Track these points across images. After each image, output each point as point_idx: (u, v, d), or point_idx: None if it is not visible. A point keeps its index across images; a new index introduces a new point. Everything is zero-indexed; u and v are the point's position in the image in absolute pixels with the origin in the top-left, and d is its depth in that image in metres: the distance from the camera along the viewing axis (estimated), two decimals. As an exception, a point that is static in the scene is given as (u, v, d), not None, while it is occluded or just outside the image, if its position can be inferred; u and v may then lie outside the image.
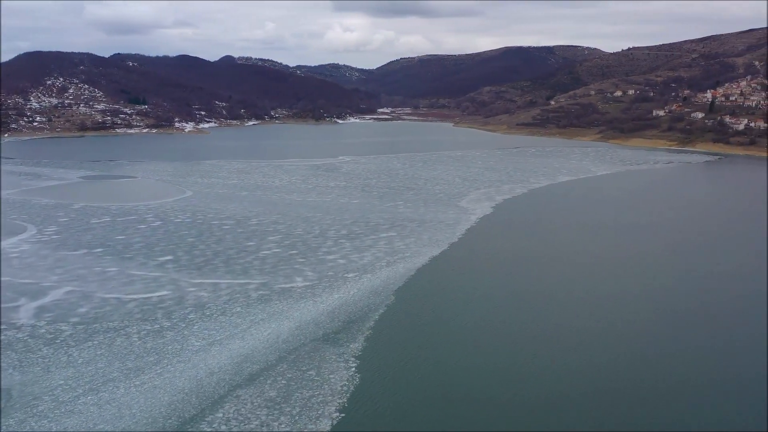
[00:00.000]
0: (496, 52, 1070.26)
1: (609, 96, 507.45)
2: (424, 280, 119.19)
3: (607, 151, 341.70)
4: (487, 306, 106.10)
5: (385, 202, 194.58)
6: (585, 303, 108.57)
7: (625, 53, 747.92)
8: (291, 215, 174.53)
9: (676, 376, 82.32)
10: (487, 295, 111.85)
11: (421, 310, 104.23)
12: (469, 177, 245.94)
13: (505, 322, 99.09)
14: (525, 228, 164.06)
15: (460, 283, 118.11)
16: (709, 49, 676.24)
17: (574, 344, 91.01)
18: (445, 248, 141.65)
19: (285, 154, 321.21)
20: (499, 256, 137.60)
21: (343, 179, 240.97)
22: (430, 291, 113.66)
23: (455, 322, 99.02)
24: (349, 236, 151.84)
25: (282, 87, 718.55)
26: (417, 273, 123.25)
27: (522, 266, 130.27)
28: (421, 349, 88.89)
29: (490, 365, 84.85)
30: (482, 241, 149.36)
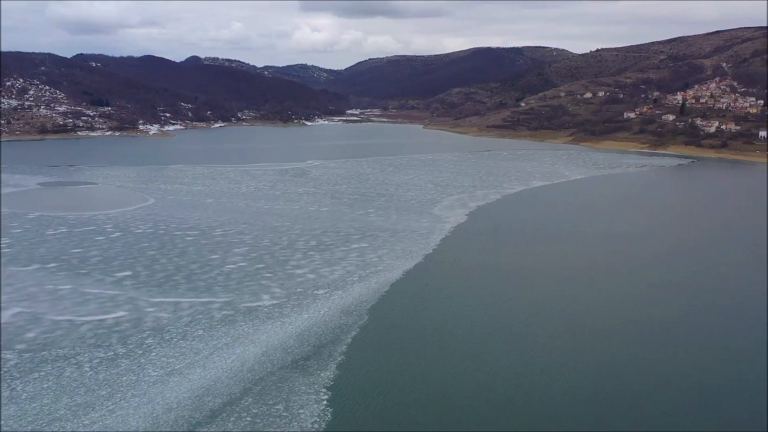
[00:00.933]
0: (465, 52, 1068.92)
1: (579, 98, 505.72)
2: (398, 298, 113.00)
3: (579, 154, 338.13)
4: (466, 326, 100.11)
5: (355, 210, 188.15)
6: (565, 315, 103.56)
7: (594, 54, 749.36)
8: (258, 224, 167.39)
9: (669, 379, 78.11)
10: (466, 313, 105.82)
11: (396, 331, 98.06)
12: (441, 182, 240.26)
13: (486, 344, 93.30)
14: (501, 237, 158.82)
15: (436, 301, 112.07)
16: (677, 51, 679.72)
17: (559, 360, 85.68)
18: (420, 261, 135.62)
19: (252, 157, 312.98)
20: (475, 268, 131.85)
21: (312, 185, 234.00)
22: (405, 310, 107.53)
23: (433, 344, 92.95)
24: (318, 247, 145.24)
25: (249, 88, 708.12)
26: (391, 289, 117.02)
27: (499, 280, 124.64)
28: (397, 377, 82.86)
29: (473, 392, 79.01)
30: (457, 252, 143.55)
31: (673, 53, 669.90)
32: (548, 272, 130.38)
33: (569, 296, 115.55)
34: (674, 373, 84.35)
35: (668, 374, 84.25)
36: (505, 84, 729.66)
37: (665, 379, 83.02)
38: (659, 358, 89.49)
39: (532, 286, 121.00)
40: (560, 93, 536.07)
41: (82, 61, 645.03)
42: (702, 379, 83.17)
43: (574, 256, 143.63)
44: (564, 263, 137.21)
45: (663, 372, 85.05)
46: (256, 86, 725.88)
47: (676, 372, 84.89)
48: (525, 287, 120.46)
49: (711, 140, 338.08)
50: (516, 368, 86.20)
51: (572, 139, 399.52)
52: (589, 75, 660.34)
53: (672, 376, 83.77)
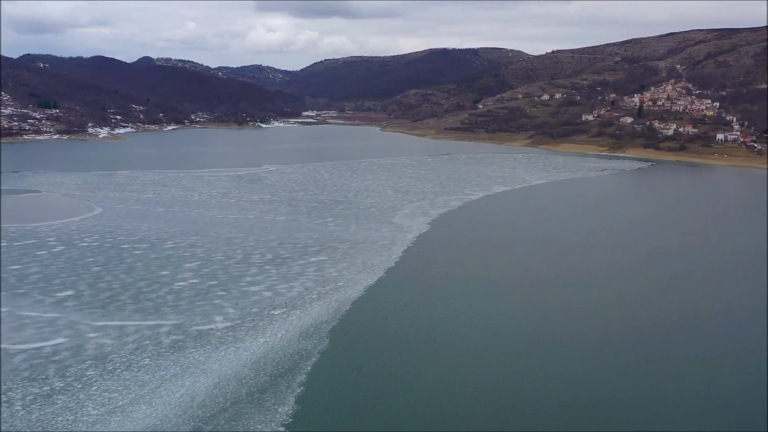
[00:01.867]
0: (421, 53, 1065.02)
1: (536, 99, 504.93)
2: (360, 317, 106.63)
3: (538, 158, 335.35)
4: (432, 348, 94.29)
5: (313, 219, 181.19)
6: (535, 326, 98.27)
7: (550, 56, 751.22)
8: (211, 236, 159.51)
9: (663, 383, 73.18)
10: (431, 334, 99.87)
11: (358, 357, 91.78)
12: (401, 188, 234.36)
13: (456, 368, 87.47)
14: (465, 248, 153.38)
15: (400, 319, 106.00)
16: (631, 53, 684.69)
17: (535, 374, 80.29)
18: (382, 275, 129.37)
19: (205, 162, 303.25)
20: (440, 282, 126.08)
21: (268, 192, 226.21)
22: (367, 331, 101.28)
23: (398, 372, 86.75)
24: (275, 261, 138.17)
25: (203, 89, 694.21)
26: (352, 308, 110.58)
27: (465, 293, 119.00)
28: (360, 410, 76.60)
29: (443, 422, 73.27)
30: (421, 265, 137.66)
31: (628, 55, 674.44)
32: (514, 283, 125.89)
33: (538, 307, 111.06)
34: (653, 381, 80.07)
35: (646, 382, 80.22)
36: (461, 85, 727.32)
37: (647, 388, 78.57)
38: (636, 366, 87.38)
39: (498, 299, 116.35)
40: (517, 95, 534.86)
41: (29, 62, 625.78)
42: (693, 385, 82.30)
43: (541, 265, 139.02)
44: (531, 273, 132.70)
45: (640, 381, 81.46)
46: (210, 87, 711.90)
47: (655, 380, 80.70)
48: (491, 300, 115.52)
49: (669, 143, 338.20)
50: (490, 389, 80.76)
51: (531, 142, 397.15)
52: (546, 76, 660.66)
53: (651, 383, 79.53)
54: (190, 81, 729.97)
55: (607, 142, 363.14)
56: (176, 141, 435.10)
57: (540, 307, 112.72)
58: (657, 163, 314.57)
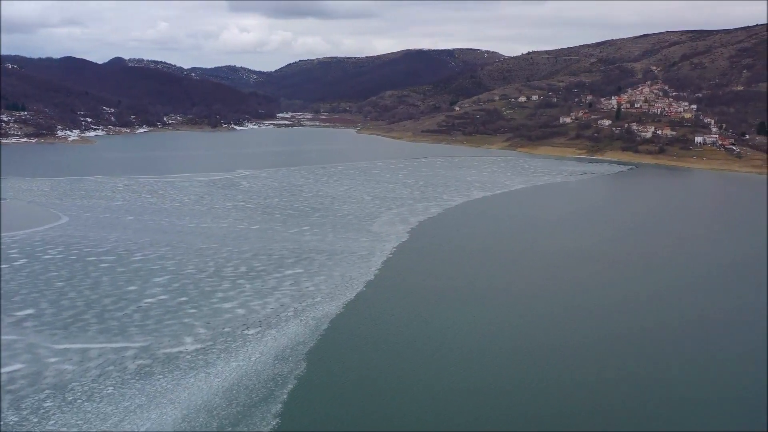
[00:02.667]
0: (396, 54, 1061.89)
1: (513, 101, 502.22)
2: (338, 337, 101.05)
3: (517, 161, 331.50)
4: (416, 373, 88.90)
5: (288, 228, 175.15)
6: (522, 352, 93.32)
7: (525, 57, 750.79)
8: (182, 247, 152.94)
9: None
10: (414, 357, 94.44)
11: (338, 383, 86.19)
12: (378, 194, 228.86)
13: (441, 397, 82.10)
14: (446, 258, 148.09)
15: (380, 340, 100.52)
16: (606, 54, 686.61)
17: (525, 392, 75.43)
18: (361, 289, 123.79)
19: (178, 167, 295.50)
20: (421, 297, 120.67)
21: (242, 198, 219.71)
22: (347, 353, 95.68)
23: (380, 399, 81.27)
24: (248, 274, 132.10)
25: (176, 91, 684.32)
26: (330, 326, 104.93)
27: (448, 309, 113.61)
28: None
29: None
30: (401, 278, 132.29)
31: (603, 56, 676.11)
32: (498, 296, 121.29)
33: (524, 322, 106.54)
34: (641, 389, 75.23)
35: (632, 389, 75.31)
36: (437, 87, 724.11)
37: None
38: (622, 373, 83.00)
39: (481, 313, 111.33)
40: (494, 97, 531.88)
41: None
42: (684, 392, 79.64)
43: (525, 275, 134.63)
44: (515, 284, 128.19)
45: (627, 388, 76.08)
46: (183, 89, 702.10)
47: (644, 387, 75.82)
48: (475, 315, 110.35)
49: (648, 146, 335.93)
50: (477, 419, 75.64)
51: (509, 145, 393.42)
52: (522, 78, 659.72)
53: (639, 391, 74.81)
54: (163, 82, 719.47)
55: (586, 145, 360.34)
56: (148, 144, 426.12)
57: (525, 321, 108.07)
58: (636, 166, 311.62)
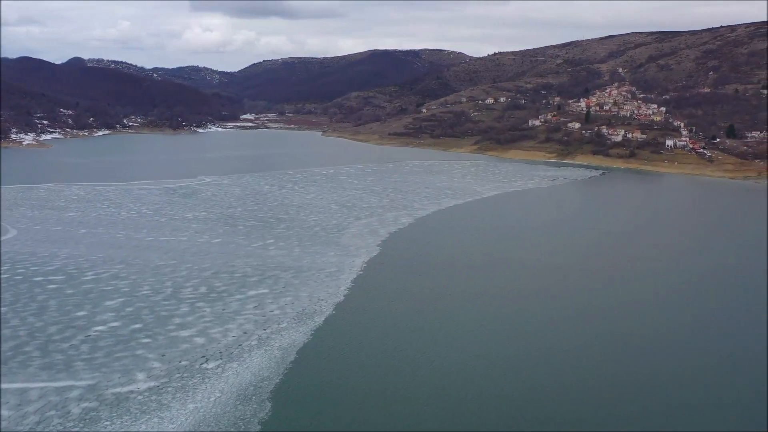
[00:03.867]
0: (361, 55, 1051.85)
1: (481, 103, 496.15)
2: (307, 371, 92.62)
3: (487, 165, 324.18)
4: (391, 409, 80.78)
5: (252, 241, 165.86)
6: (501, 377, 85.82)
7: (492, 58, 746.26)
8: (138, 264, 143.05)
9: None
10: (390, 397, 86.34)
11: (306, 427, 77.69)
12: (346, 202, 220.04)
13: None
14: (419, 276, 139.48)
15: (351, 376, 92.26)
16: (573, 55, 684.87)
17: None
18: (330, 312, 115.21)
19: (136, 173, 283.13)
20: (394, 322, 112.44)
21: (203, 208, 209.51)
22: (316, 389, 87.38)
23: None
24: (209, 296, 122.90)
25: (136, 92, 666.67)
26: (298, 357, 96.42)
27: (422, 337, 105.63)
28: None
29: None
30: (372, 299, 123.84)
31: (569, 57, 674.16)
32: (475, 318, 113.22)
33: (504, 353, 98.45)
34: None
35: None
36: (403, 88, 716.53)
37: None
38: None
39: (459, 339, 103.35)
40: (462, 98, 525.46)
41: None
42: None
43: (502, 293, 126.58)
44: (491, 304, 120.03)
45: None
46: (144, 90, 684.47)
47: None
48: (452, 342, 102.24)
49: (618, 149, 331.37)
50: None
51: (477, 148, 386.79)
52: (488, 79, 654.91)
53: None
54: (123, 83, 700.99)
55: (556, 149, 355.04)
56: (106, 148, 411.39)
57: (509, 350, 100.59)
58: (608, 171, 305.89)
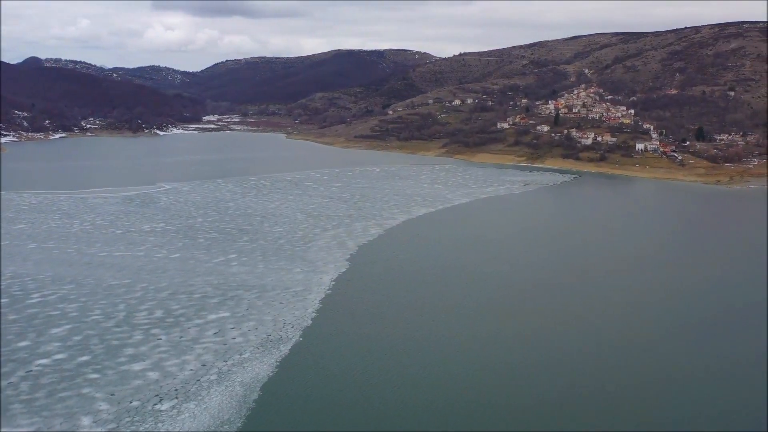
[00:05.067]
0: (325, 55, 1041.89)
1: (448, 105, 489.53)
2: (271, 412, 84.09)
3: (456, 170, 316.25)
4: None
5: (213, 256, 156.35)
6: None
7: (457, 58, 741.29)
8: (89, 284, 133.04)
9: None
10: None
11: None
12: (312, 211, 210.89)
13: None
14: (392, 295, 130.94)
15: (323, 416, 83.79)
16: (538, 56, 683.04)
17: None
18: (297, 339, 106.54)
19: (93, 180, 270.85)
20: (365, 348, 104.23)
21: (162, 218, 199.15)
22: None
23: None
24: (165, 321, 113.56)
25: (95, 93, 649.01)
26: (261, 396, 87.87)
27: (398, 366, 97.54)
28: None
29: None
30: (341, 322, 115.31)
31: (535, 58, 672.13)
32: (453, 344, 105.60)
33: (484, 375, 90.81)
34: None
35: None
36: (369, 89, 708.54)
37: None
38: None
39: (435, 370, 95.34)
40: (428, 100, 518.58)
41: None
42: None
43: (478, 315, 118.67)
44: (469, 328, 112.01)
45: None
46: (103, 91, 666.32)
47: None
48: (428, 374, 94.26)
49: (589, 153, 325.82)
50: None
51: (446, 151, 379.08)
52: (454, 80, 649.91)
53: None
54: (81, 84, 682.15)
55: (525, 152, 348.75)
56: (62, 152, 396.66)
57: (489, 372, 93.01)
58: (579, 175, 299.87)
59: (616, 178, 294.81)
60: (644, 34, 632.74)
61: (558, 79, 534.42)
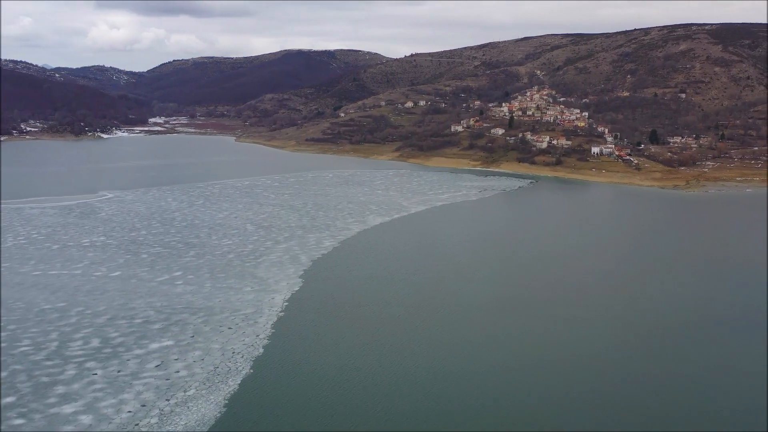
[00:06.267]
0: (275, 55, 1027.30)
1: (400, 107, 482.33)
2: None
3: (411, 174, 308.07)
4: None
5: (157, 274, 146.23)
6: None
7: (409, 59, 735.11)
8: (18, 309, 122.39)
9: None
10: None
11: None
12: (263, 222, 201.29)
13: None
14: (348, 316, 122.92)
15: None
16: (489, 57, 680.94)
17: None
18: (247, 372, 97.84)
19: (29, 188, 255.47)
20: (321, 380, 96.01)
21: (103, 231, 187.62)
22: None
23: None
24: (102, 352, 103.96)
25: (35, 94, 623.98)
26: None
27: (360, 407, 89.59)
28: None
29: None
30: (296, 351, 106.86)
31: (486, 59, 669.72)
32: (411, 376, 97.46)
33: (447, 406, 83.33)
34: None
35: None
36: (320, 90, 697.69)
37: None
38: None
39: (402, 408, 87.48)
40: (380, 102, 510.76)
41: None
42: None
43: (439, 342, 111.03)
44: (427, 358, 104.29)
45: None
46: (45, 92, 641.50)
47: None
48: (392, 413, 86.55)
49: (544, 157, 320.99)
50: None
51: (399, 155, 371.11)
52: (406, 81, 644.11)
53: None
54: (21, 85, 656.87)
55: (480, 156, 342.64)
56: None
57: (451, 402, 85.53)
58: (536, 180, 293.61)
59: (573, 183, 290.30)
60: (594, 35, 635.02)
61: (510, 81, 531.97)
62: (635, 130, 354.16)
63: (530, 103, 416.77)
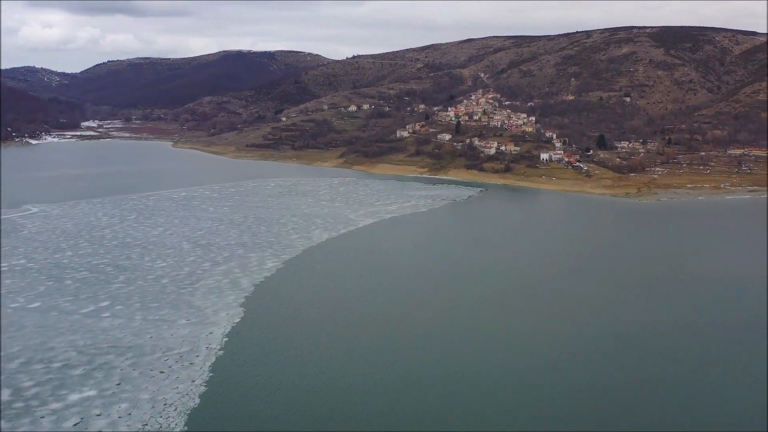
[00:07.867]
0: (214, 56, 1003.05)
1: (343, 111, 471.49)
2: None
3: (357, 183, 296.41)
4: None
5: (82, 305, 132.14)
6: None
7: (351, 61, 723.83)
8: None
9: None
10: None
11: None
12: (200, 239, 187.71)
13: None
14: (296, 358, 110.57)
15: None
16: (432, 59, 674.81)
17: None
18: (181, 430, 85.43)
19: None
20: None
21: (23, 252, 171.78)
22: None
23: None
24: (11, 407, 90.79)
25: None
26: None
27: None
28: None
29: None
30: (238, 401, 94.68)
31: (429, 61, 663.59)
32: (366, 415, 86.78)
33: None
34: None
35: None
36: (260, 92, 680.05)
37: None
38: None
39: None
40: (323, 105, 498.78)
41: None
42: None
43: (390, 383, 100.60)
44: (383, 398, 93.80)
45: None
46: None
47: None
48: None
49: (493, 164, 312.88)
50: None
51: (344, 162, 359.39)
52: (348, 83, 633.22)
53: None
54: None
55: (427, 163, 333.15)
56: None
57: None
58: (485, 188, 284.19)
59: (524, 191, 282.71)
60: (537, 37, 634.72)
61: (454, 84, 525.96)
62: (583, 135, 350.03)
63: (476, 108, 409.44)
